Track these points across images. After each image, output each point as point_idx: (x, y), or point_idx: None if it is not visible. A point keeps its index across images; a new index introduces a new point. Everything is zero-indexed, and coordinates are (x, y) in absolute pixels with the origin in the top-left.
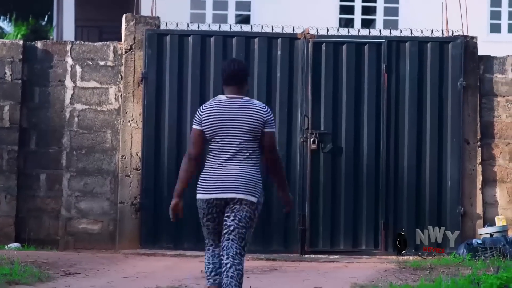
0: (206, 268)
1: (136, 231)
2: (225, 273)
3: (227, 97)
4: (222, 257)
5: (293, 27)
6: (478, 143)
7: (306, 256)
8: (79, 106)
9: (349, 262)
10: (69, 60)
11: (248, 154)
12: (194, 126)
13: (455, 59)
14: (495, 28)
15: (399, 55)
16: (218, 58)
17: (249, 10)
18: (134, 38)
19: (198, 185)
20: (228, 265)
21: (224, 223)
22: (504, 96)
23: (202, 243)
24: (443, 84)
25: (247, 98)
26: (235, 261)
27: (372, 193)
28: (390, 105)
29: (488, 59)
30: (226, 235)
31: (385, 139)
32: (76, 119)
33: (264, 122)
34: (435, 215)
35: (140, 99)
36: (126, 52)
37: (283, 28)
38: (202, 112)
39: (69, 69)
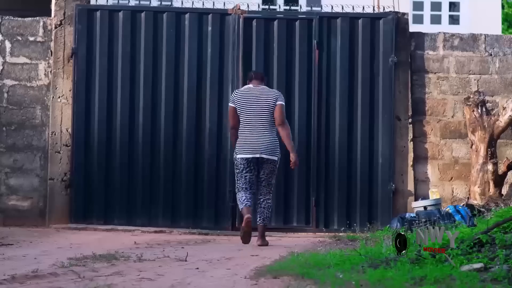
0: (241, 199)
1: (66, 207)
2: (259, 205)
3: (252, 85)
4: (258, 197)
5: (224, 3)
6: (410, 120)
7: (238, 232)
8: (8, 82)
9: (282, 236)
10: None
11: (268, 124)
12: (230, 105)
13: (386, 35)
14: (418, 19)
15: (331, 31)
16: (149, 34)
17: None
18: (64, 14)
19: (237, 148)
20: (261, 200)
21: (260, 176)
22: (435, 73)
23: (133, 218)
24: (375, 61)
25: (264, 86)
26: (266, 197)
27: (303, 170)
28: (322, 82)
29: (420, 36)
30: (260, 184)
31: (316, 116)
32: (5, 95)
33: (276, 98)
34: (367, 192)
35: (70, 75)
36: (56, 27)
37: (213, 4)
38: (235, 95)
39: None
